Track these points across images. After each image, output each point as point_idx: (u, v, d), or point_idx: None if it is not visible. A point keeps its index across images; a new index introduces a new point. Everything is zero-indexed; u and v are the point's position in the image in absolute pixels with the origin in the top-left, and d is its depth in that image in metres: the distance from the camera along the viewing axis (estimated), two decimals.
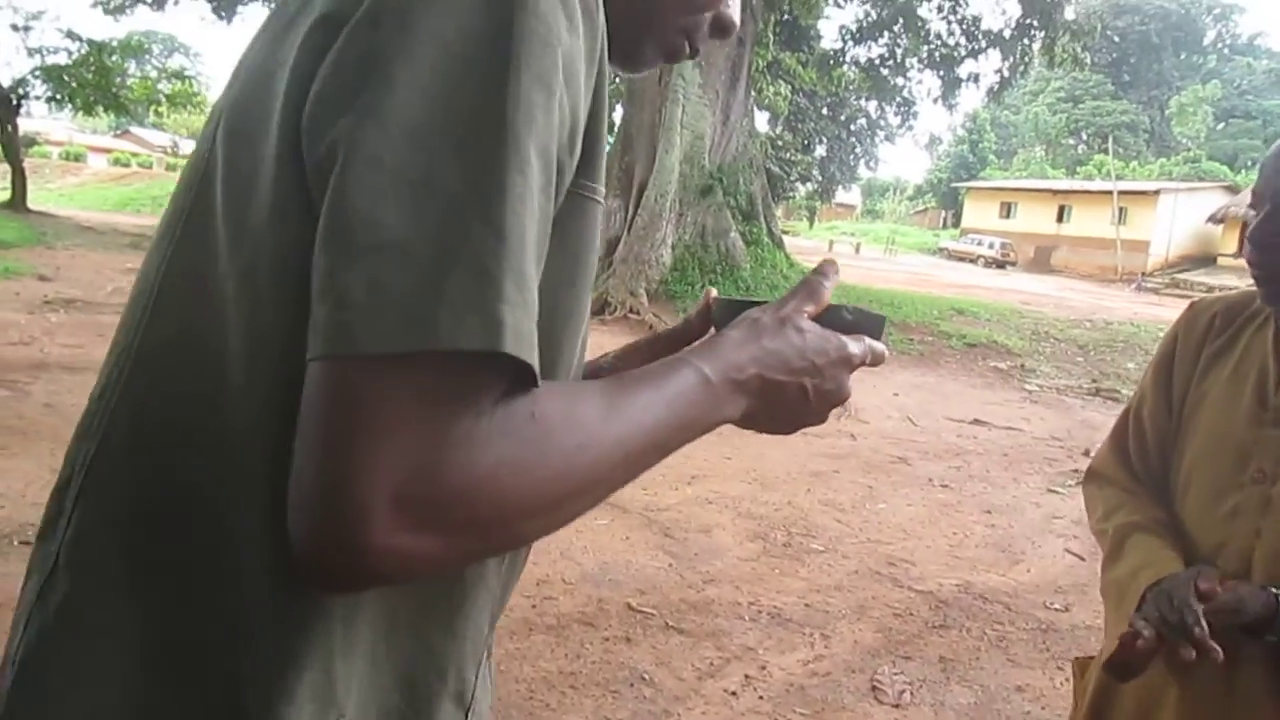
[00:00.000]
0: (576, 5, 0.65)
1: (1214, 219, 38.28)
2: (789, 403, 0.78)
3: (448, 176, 0.57)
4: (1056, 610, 4.49)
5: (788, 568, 4.73)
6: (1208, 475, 1.57)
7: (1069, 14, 19.95)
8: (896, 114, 21.56)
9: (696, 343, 0.87)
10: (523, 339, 0.57)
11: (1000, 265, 40.62)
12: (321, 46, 0.63)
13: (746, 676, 3.53)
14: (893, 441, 7.83)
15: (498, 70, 0.59)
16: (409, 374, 0.55)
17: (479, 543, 0.61)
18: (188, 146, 63.98)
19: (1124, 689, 1.57)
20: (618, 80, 12.81)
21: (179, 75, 27.50)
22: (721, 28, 0.90)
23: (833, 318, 0.82)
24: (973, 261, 40.28)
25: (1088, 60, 23.19)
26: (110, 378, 0.74)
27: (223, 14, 21.87)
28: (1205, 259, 40.57)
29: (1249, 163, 59.91)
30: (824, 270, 0.83)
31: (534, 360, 0.58)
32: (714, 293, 0.96)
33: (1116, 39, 73.77)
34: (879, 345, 0.84)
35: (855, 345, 0.81)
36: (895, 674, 3.67)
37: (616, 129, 16.68)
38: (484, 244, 0.56)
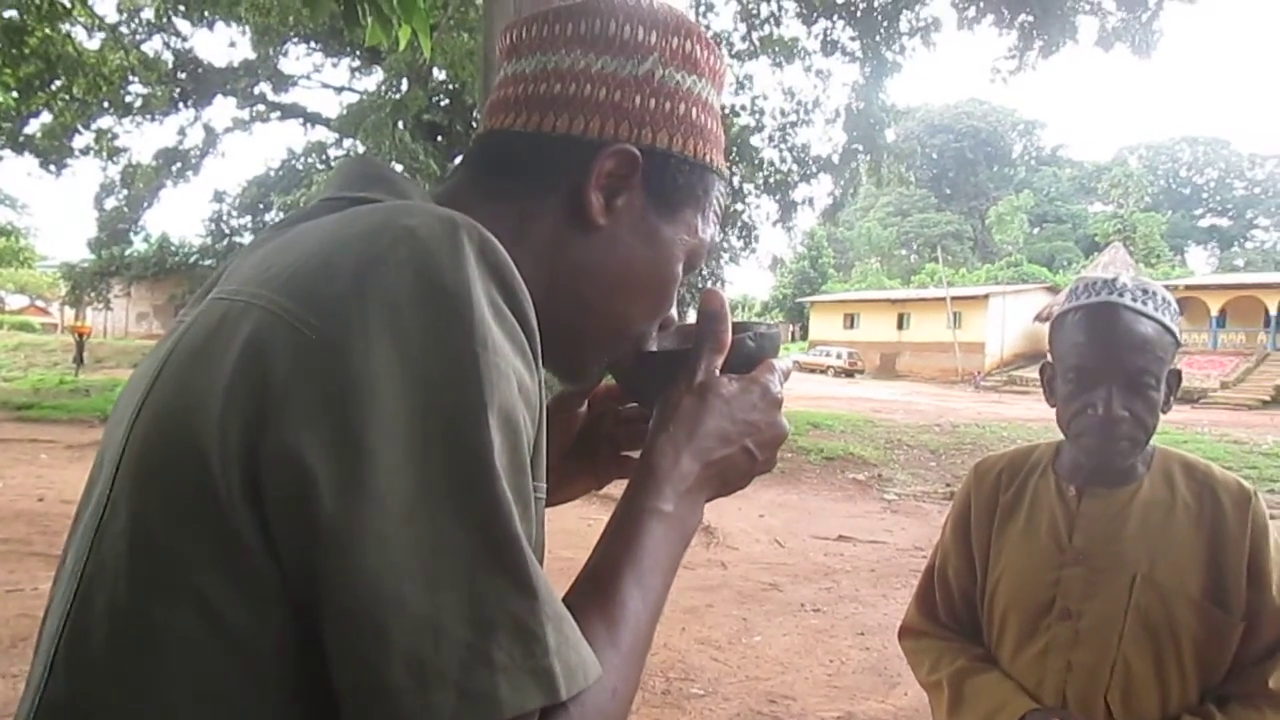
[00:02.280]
0: (516, 325, 0.63)
1: (1040, 318, 40.81)
2: (739, 467, 0.80)
3: (456, 541, 0.56)
4: None
5: (669, 717, 4.60)
6: (1018, 618, 1.66)
7: (890, 136, 21.26)
8: (739, 238, 22.29)
9: (634, 467, 0.80)
10: (575, 673, 0.59)
11: (849, 374, 42.02)
12: (260, 388, 0.57)
13: None
14: (762, 567, 7.82)
15: (471, 421, 0.58)
16: None
17: None
18: (15, 301, 61.31)
19: None
20: None
21: (2, 232, 26.35)
22: (665, 328, 0.88)
23: (737, 354, 0.82)
24: (823, 372, 41.57)
25: (911, 178, 24.71)
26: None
27: (51, 167, 21.14)
28: (1037, 355, 42.80)
29: (1065, 263, 64.69)
30: (715, 311, 0.82)
31: (587, 683, 0.60)
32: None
33: (935, 156, 79.34)
34: (785, 363, 0.85)
35: (772, 381, 0.82)
36: None
37: None
38: (516, 603, 0.57)
